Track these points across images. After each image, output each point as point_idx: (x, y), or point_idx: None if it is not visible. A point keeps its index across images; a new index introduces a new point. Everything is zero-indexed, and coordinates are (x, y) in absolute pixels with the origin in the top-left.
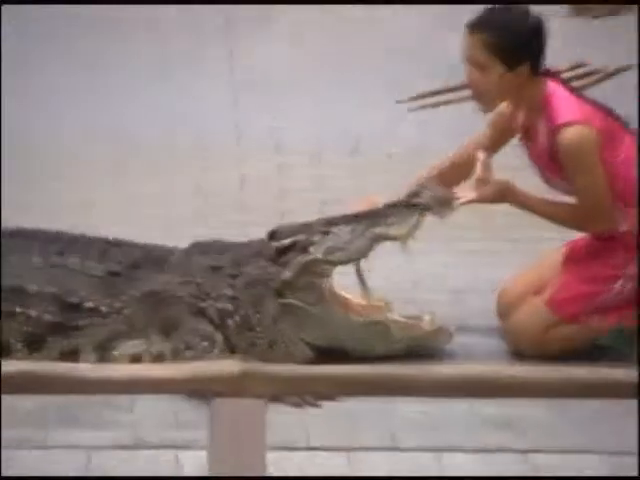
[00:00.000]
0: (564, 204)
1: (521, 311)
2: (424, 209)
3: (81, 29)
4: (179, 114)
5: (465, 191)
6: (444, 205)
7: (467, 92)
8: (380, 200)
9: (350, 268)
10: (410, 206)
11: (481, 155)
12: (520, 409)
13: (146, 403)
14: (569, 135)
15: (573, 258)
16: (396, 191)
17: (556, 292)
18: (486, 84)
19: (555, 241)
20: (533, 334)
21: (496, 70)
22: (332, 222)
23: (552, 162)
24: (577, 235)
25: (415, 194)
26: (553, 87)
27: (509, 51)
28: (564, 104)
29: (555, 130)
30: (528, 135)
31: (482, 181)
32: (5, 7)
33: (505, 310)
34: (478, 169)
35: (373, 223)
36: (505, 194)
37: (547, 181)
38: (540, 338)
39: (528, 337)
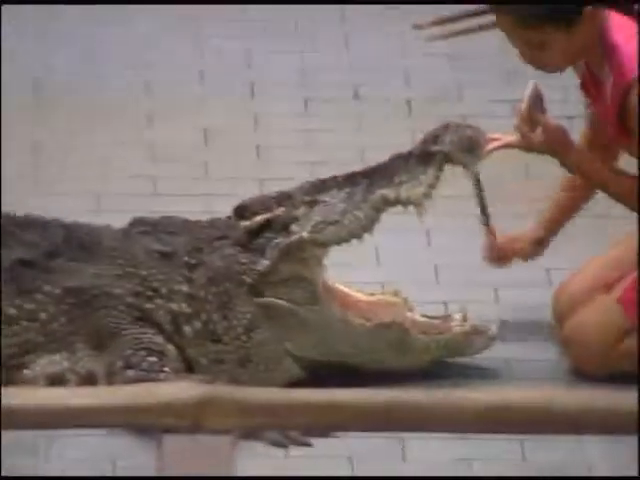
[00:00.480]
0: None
1: (586, 312)
2: (444, 159)
3: None
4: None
5: (505, 135)
6: (472, 152)
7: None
8: None
9: (350, 255)
10: (425, 156)
11: (530, 85)
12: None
13: (70, 443)
14: None
15: None
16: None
17: (631, 290)
18: (555, 58)
19: (628, 221)
20: (600, 342)
21: (557, 37)
22: (320, 188)
23: (620, 124)
24: None
25: (432, 139)
26: (617, 29)
27: (554, 11)
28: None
29: (626, 87)
30: (589, 90)
31: (527, 122)
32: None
33: (564, 311)
34: (524, 104)
35: (376, 184)
36: (557, 146)
37: (613, 146)
38: (608, 347)
39: (594, 346)
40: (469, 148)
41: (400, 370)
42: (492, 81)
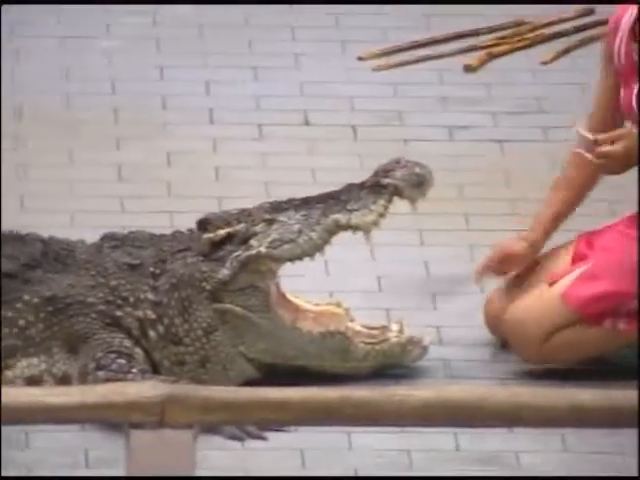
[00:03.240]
0: None
1: (527, 300)
2: (394, 192)
3: None
4: (92, 77)
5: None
6: (419, 187)
7: (446, 47)
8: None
9: (302, 266)
10: (376, 187)
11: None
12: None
13: (47, 437)
14: None
15: (601, 247)
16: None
17: (577, 286)
18: None
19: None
20: (539, 328)
21: None
22: (278, 208)
23: None
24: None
25: (383, 172)
26: None
27: None
28: None
29: None
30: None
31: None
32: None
33: (496, 312)
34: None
35: (330, 209)
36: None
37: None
38: (547, 335)
39: (533, 334)
40: (417, 184)
41: (344, 374)
42: (431, 107)
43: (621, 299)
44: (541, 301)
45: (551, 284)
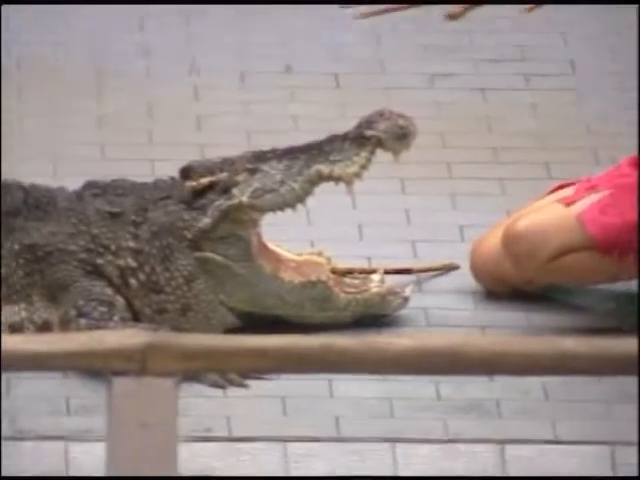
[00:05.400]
0: None
1: (541, 215)
2: (377, 144)
3: None
4: (73, 29)
5: None
6: (402, 140)
7: None
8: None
9: (283, 216)
10: (359, 139)
11: None
12: (492, 392)
13: (27, 384)
14: None
15: (614, 180)
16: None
17: (594, 211)
18: None
19: (534, 182)
20: (549, 247)
21: None
22: (261, 157)
23: None
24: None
25: (366, 124)
26: None
27: None
28: None
29: None
30: None
31: None
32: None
33: (483, 262)
34: None
35: (313, 160)
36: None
37: None
38: (554, 255)
39: (542, 249)
40: (400, 136)
41: (324, 323)
42: (412, 55)
43: (637, 233)
44: (555, 218)
45: (567, 204)
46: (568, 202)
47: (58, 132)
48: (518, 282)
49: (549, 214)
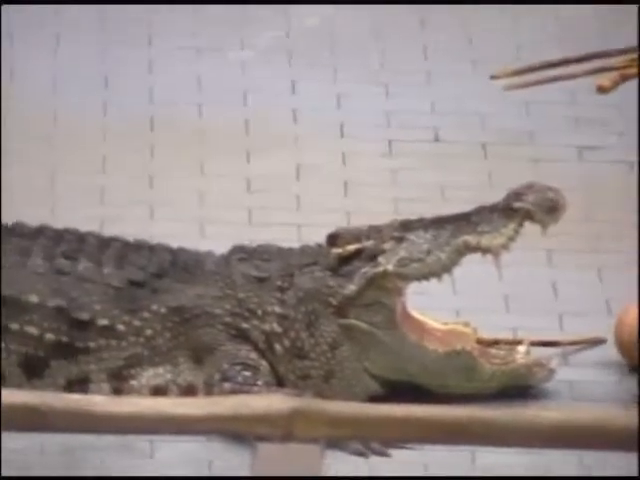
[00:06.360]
0: None
1: None
2: (525, 216)
3: None
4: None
5: None
6: (551, 213)
7: (578, 67)
8: None
9: (428, 285)
10: (508, 211)
11: None
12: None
13: (172, 447)
14: None
15: None
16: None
17: None
18: None
19: None
20: None
21: None
22: (408, 226)
23: None
24: None
25: (516, 195)
26: None
27: None
28: None
29: None
30: None
31: None
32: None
33: (629, 336)
34: None
35: (460, 230)
36: None
37: None
38: None
39: None
40: (549, 209)
41: (468, 394)
42: (562, 127)
43: None
44: None
45: None
46: None
47: (205, 194)
48: None
49: None
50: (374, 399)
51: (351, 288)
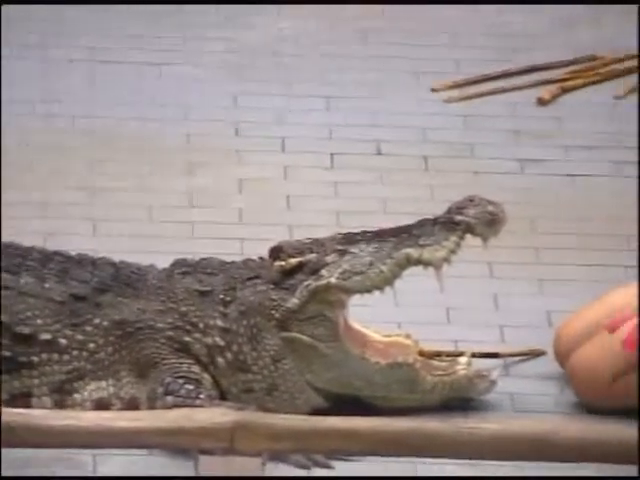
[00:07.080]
0: None
1: (588, 349)
2: (466, 229)
3: None
4: (166, 105)
5: None
6: (491, 226)
7: (519, 80)
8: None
9: (370, 297)
10: (449, 224)
11: None
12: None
13: (114, 460)
14: None
15: None
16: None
17: (633, 332)
18: None
19: (622, 269)
20: (601, 379)
21: None
22: (350, 239)
23: None
24: None
25: (457, 209)
26: None
27: None
28: None
29: None
30: None
31: None
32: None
33: (566, 349)
34: None
35: (402, 243)
36: None
37: None
38: (609, 384)
39: (595, 381)
40: (490, 222)
41: (410, 406)
42: (502, 140)
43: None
44: (604, 349)
45: (611, 331)
46: (609, 329)
47: (147, 209)
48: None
49: (596, 346)
50: (317, 412)
51: (294, 301)
